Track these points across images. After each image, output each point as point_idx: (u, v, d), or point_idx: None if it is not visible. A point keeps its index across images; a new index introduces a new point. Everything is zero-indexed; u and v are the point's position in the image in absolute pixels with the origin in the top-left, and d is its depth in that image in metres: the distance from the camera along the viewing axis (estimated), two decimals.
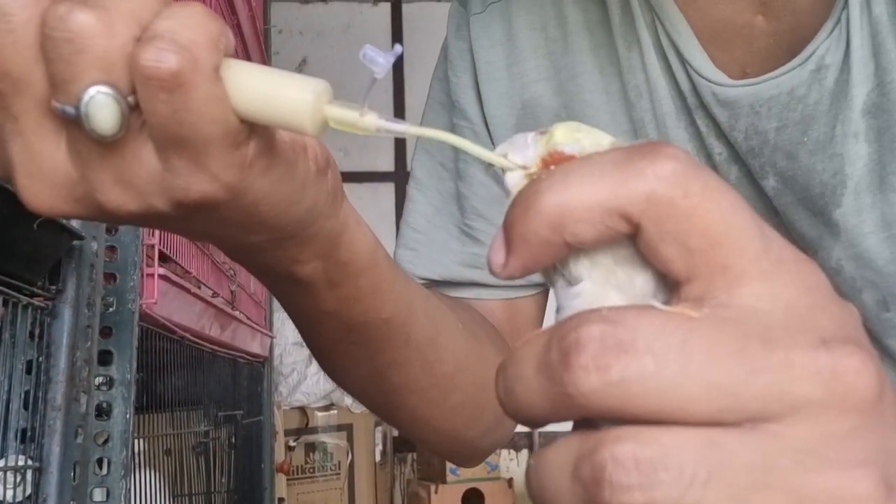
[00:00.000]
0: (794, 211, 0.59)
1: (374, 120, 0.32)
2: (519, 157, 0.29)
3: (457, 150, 0.73)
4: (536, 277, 0.72)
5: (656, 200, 0.25)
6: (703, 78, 0.60)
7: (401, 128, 0.31)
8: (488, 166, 0.83)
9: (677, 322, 0.24)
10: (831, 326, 0.25)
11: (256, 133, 0.36)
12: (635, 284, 0.27)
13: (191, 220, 0.39)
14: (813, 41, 0.57)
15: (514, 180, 0.29)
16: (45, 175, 0.37)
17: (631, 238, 0.26)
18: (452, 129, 0.74)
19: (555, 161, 0.28)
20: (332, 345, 0.60)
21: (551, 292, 0.74)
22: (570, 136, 0.28)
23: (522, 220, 0.26)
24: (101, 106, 0.34)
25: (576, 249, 0.27)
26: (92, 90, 0.34)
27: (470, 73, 0.73)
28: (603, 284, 0.27)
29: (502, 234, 0.27)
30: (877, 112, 0.56)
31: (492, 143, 0.72)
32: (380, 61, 0.31)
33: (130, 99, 0.34)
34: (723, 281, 0.25)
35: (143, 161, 0.37)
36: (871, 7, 0.55)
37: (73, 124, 0.35)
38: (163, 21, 0.34)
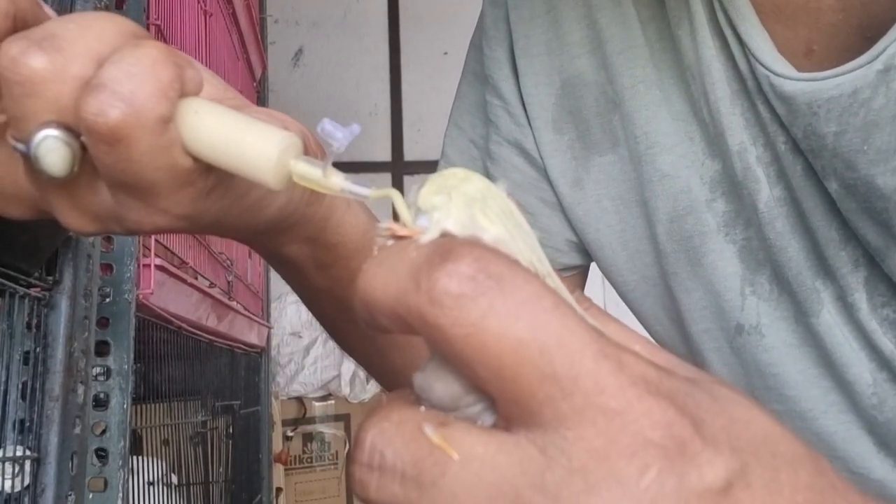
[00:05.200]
0: (859, 218, 0.52)
1: (339, 181, 0.31)
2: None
3: (488, 128, 0.69)
4: (568, 259, 0.69)
5: (427, 324, 0.22)
6: (760, 64, 0.53)
7: (364, 192, 0.30)
8: (520, 148, 0.80)
9: (434, 460, 0.22)
10: None
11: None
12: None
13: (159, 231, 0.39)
14: (885, 36, 0.48)
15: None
16: (7, 188, 0.37)
17: None
18: (485, 104, 0.69)
19: (393, 235, 0.25)
20: (331, 323, 0.59)
21: (591, 271, 0.70)
22: (428, 202, 0.25)
23: (354, 294, 0.25)
24: (50, 149, 0.33)
25: None
26: (42, 133, 0.33)
27: (505, 47, 0.66)
28: (437, 369, 0.24)
29: None
30: None
31: (529, 125, 0.66)
32: (338, 135, 0.30)
33: (84, 139, 0.33)
34: (517, 415, 0.22)
35: (97, 194, 0.36)
36: None
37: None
38: (109, 67, 0.32)
